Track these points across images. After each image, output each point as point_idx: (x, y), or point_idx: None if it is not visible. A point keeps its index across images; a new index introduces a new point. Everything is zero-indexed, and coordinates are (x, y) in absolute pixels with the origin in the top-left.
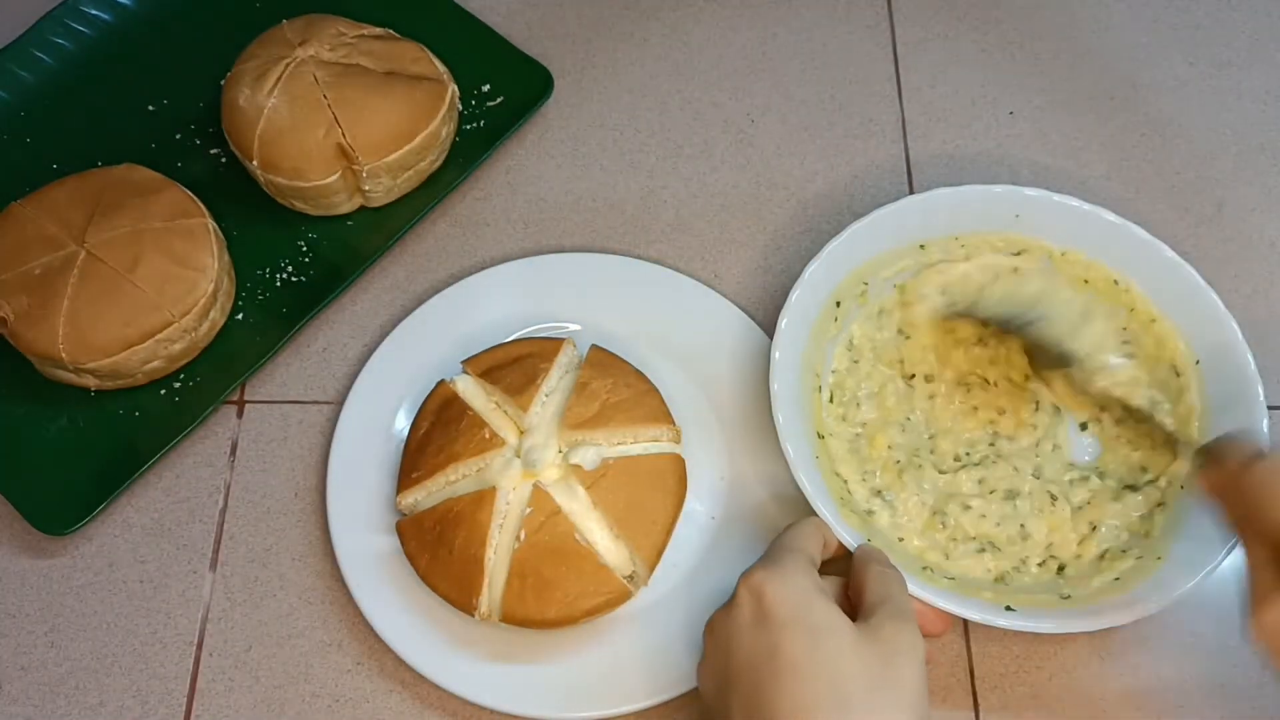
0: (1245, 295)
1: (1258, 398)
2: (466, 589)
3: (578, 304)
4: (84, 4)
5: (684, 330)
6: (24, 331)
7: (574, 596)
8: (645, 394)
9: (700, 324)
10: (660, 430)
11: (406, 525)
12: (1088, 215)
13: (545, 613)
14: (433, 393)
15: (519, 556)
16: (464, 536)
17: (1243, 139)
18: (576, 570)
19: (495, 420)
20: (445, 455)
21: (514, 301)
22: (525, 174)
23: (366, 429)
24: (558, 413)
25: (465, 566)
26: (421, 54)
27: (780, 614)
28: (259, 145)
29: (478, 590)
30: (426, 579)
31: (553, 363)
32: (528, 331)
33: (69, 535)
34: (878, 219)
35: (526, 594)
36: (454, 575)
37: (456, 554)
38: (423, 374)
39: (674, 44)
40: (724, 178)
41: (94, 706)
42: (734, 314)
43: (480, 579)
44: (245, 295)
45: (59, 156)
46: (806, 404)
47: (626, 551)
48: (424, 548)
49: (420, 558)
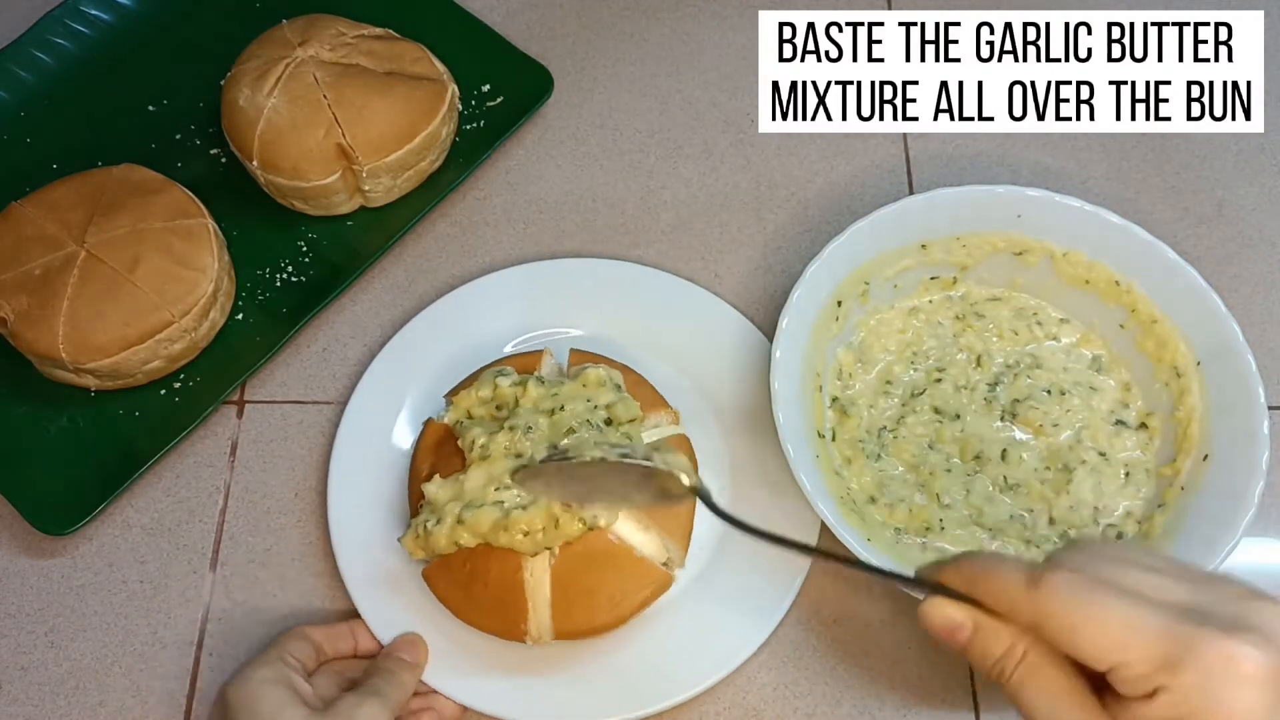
0: (1245, 295)
1: (1258, 399)
2: (512, 618)
3: (577, 309)
4: (84, 4)
5: (683, 332)
6: (24, 331)
7: (620, 596)
8: (636, 385)
9: (699, 326)
10: (660, 416)
11: (433, 571)
12: (1090, 216)
13: (595, 620)
14: (424, 433)
15: (557, 571)
16: (498, 567)
17: (1243, 139)
18: (616, 570)
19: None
20: None
21: (513, 307)
22: (525, 174)
23: (367, 435)
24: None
25: (505, 596)
26: (421, 54)
27: (235, 707)
28: (259, 145)
29: (524, 616)
30: (465, 617)
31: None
32: (527, 338)
33: (69, 535)
34: (879, 219)
35: (573, 607)
36: (495, 608)
37: (493, 586)
38: (423, 381)
39: (674, 44)
40: (724, 178)
41: (94, 706)
42: (733, 315)
43: (524, 604)
44: (245, 295)
45: (59, 156)
46: (806, 404)
47: (658, 538)
48: (456, 586)
49: (453, 598)
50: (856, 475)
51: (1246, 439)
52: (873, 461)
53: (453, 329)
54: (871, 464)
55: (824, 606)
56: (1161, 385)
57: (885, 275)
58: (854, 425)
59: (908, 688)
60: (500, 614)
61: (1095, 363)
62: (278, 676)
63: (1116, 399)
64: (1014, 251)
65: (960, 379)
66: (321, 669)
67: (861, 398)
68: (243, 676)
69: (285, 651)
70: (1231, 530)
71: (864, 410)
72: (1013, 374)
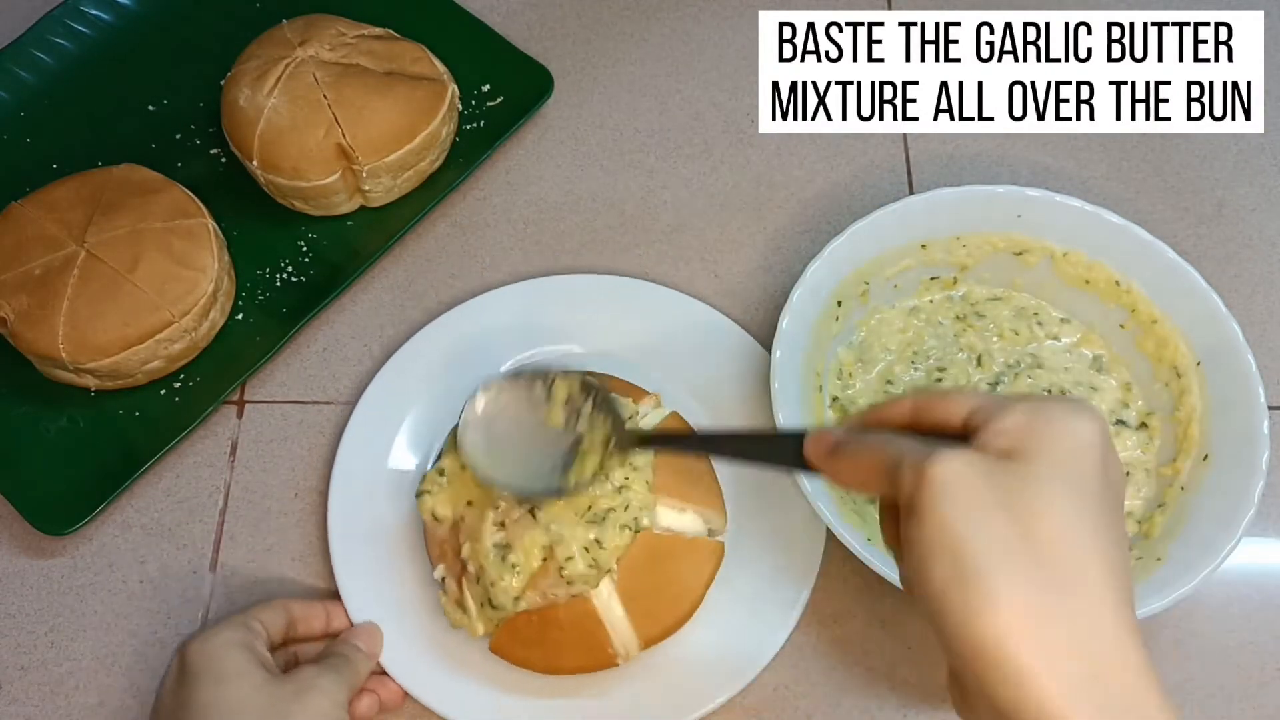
0: (1245, 295)
1: (1258, 399)
2: (596, 648)
3: (578, 325)
4: (84, 4)
5: (682, 345)
6: (24, 331)
7: (688, 581)
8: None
9: (699, 340)
10: (646, 403)
11: (501, 641)
12: (1090, 216)
13: (674, 614)
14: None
15: (622, 586)
16: (565, 606)
17: (1243, 139)
18: (673, 560)
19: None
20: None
21: (514, 323)
22: (525, 174)
23: (367, 448)
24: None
25: (583, 629)
26: (421, 54)
27: (194, 667)
28: (259, 145)
29: (607, 641)
30: (549, 670)
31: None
32: (531, 354)
33: (69, 535)
34: (879, 219)
35: (649, 612)
36: (576, 646)
37: (568, 627)
38: (428, 396)
39: (674, 44)
40: (724, 178)
41: (94, 706)
42: (733, 329)
43: (604, 630)
44: (245, 295)
45: (59, 156)
46: (806, 404)
47: (695, 514)
48: (532, 644)
49: (534, 656)
50: None
51: (1246, 439)
52: None
53: (456, 344)
54: None
55: (824, 606)
56: (1161, 385)
57: (885, 275)
58: None
59: (908, 688)
60: (584, 650)
61: (1096, 363)
62: (242, 639)
63: (1117, 399)
64: (1014, 251)
65: (961, 378)
66: (279, 650)
67: (862, 397)
68: (205, 635)
69: (253, 618)
70: (1231, 530)
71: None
72: (1013, 374)
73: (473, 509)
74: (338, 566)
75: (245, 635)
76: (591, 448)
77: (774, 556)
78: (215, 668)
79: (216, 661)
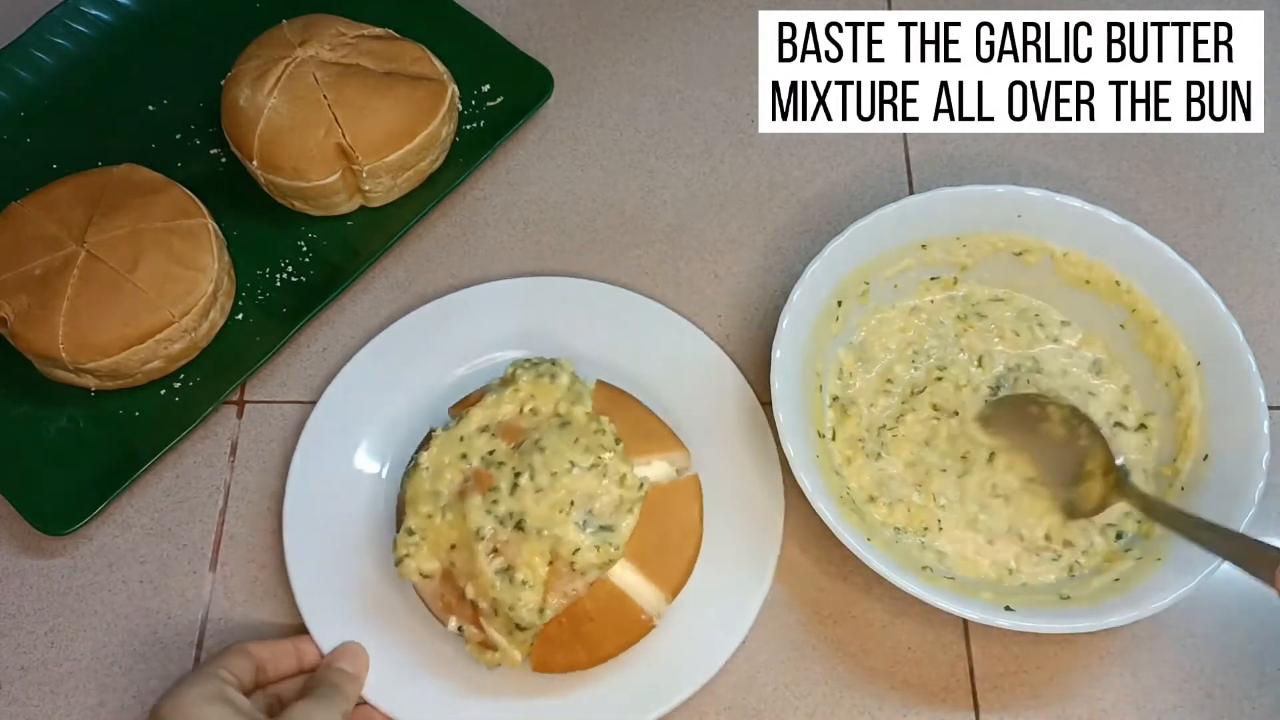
0: (1245, 295)
1: (1258, 399)
2: (630, 620)
3: (565, 328)
4: (84, 4)
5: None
6: (24, 331)
7: (684, 522)
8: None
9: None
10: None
11: (541, 657)
12: (1090, 216)
13: (687, 552)
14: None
15: (630, 552)
16: (588, 597)
17: (1243, 139)
18: (663, 508)
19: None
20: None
21: (501, 321)
22: (525, 174)
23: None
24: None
25: (612, 609)
26: (421, 54)
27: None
28: (259, 145)
29: (639, 611)
30: (597, 660)
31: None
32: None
33: (69, 535)
34: (880, 219)
35: (663, 564)
36: (612, 628)
37: (598, 615)
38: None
39: (674, 44)
40: (724, 178)
41: (94, 706)
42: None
43: (629, 602)
44: (245, 295)
45: (59, 156)
46: (806, 404)
47: (662, 461)
48: (571, 644)
49: (577, 655)
50: (856, 474)
51: (1246, 439)
52: (873, 460)
53: (426, 347)
54: (871, 463)
55: (824, 607)
56: (1161, 385)
57: (885, 275)
58: (854, 424)
59: (908, 688)
60: (620, 628)
61: (1095, 366)
62: (214, 693)
63: (1115, 403)
64: (1014, 251)
65: (961, 379)
66: (255, 694)
67: (862, 396)
68: (175, 695)
69: (220, 667)
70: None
71: (864, 409)
72: (1013, 377)
73: (459, 550)
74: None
75: (216, 686)
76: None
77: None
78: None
79: (194, 719)
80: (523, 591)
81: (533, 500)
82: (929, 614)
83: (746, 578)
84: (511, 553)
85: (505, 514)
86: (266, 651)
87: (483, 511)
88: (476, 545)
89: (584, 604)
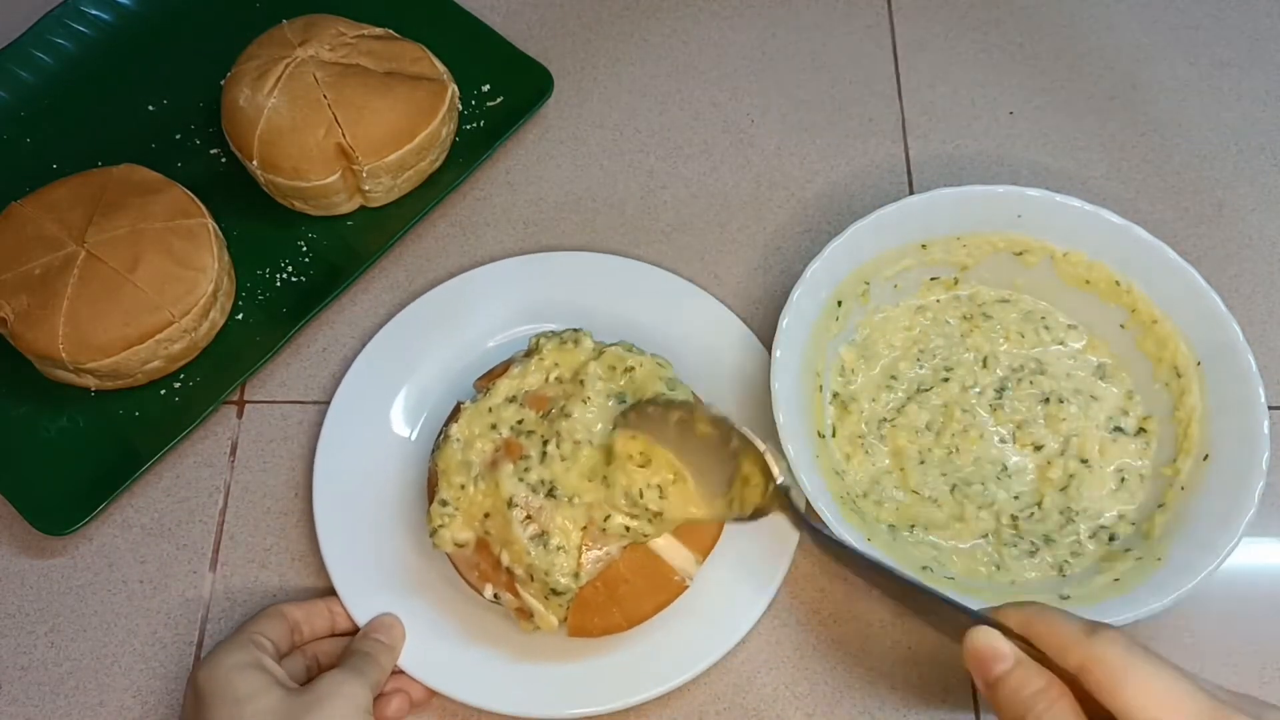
0: (1245, 295)
1: (1259, 399)
2: (664, 581)
3: (566, 301)
4: (84, 4)
5: (680, 331)
6: (24, 331)
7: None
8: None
9: (697, 326)
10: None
11: (577, 621)
12: (1090, 216)
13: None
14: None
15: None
16: (623, 560)
17: (1243, 139)
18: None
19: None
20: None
21: (505, 300)
22: (525, 174)
23: (359, 427)
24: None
25: (646, 570)
26: (422, 54)
27: (207, 693)
28: (259, 145)
29: (671, 571)
30: (634, 621)
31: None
32: (520, 330)
33: (69, 535)
34: (880, 218)
35: (692, 525)
36: (647, 588)
37: (632, 576)
38: (418, 371)
39: (674, 44)
40: (724, 178)
41: (94, 706)
42: (730, 318)
43: (662, 564)
44: (245, 295)
45: (59, 156)
46: (807, 404)
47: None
48: (607, 607)
49: (614, 618)
50: (855, 471)
51: (1246, 439)
52: (871, 456)
53: (443, 322)
54: (870, 459)
55: (824, 607)
56: (1161, 385)
57: (885, 275)
58: (854, 420)
59: (908, 688)
60: (655, 588)
61: (1100, 370)
62: (249, 660)
63: (1118, 406)
64: (1014, 251)
65: (968, 379)
66: (292, 653)
67: (863, 392)
68: (212, 662)
69: (256, 633)
70: (1231, 530)
71: (865, 404)
72: (1016, 378)
73: (493, 519)
74: (332, 568)
75: (251, 654)
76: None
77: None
78: (229, 693)
79: (230, 686)
80: (557, 556)
81: (562, 468)
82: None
83: (773, 536)
84: (545, 519)
85: (537, 481)
86: (300, 612)
87: (515, 479)
88: (510, 513)
89: (618, 567)
